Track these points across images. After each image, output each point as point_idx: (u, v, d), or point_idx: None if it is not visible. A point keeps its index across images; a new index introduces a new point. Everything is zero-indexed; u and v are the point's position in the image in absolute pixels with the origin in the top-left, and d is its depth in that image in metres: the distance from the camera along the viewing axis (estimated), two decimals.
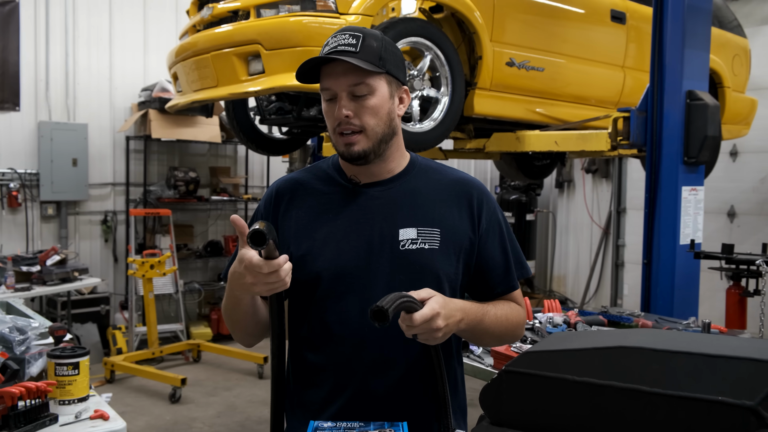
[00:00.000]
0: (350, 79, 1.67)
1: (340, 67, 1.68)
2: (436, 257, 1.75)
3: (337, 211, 1.78)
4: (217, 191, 8.01)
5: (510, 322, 1.83)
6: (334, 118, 1.70)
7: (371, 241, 1.74)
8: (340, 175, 1.82)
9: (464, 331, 1.71)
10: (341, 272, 1.73)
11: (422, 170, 1.85)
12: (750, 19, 7.36)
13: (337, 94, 1.69)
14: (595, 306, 8.85)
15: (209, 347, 6.98)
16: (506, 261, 1.86)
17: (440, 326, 1.55)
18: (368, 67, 1.66)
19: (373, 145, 1.72)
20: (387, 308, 1.43)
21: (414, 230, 1.74)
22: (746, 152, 7.61)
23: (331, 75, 1.69)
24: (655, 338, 1.34)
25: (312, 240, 1.76)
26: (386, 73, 1.71)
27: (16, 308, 3.47)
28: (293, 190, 1.84)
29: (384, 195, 1.78)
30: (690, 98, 4.27)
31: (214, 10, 4.22)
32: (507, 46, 4.59)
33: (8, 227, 6.74)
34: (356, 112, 1.69)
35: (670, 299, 4.20)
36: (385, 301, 1.45)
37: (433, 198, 1.80)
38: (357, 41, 1.67)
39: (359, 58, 1.65)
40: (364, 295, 1.71)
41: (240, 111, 5.24)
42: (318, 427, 1.57)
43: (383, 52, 1.70)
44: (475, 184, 1.87)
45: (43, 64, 6.91)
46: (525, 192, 9.21)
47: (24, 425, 2.12)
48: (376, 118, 1.71)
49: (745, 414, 1.12)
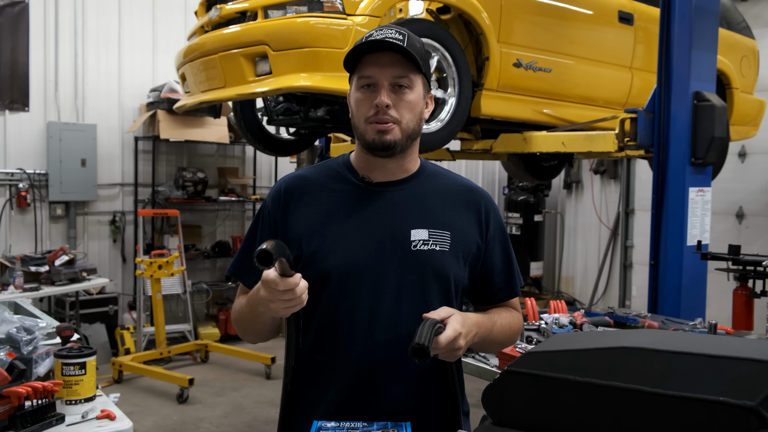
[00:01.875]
0: (396, 70, 1.69)
1: (387, 57, 1.69)
2: (446, 259, 1.75)
3: (349, 209, 1.78)
4: (225, 192, 8.03)
5: (512, 330, 1.89)
6: (371, 107, 1.70)
7: (382, 240, 1.74)
8: (352, 174, 1.82)
9: (475, 344, 1.74)
10: (351, 271, 1.73)
11: (432, 174, 1.86)
12: (759, 21, 7.34)
13: (377, 82, 1.70)
14: (603, 307, 8.82)
15: (217, 347, 6.99)
16: (509, 269, 1.90)
17: (461, 345, 1.59)
18: (418, 60, 1.68)
19: (403, 139, 1.73)
20: (427, 345, 1.46)
21: (425, 231, 1.75)
22: (755, 153, 7.58)
23: (376, 64, 1.70)
24: (656, 339, 1.34)
25: (323, 237, 1.76)
26: (424, 75, 1.74)
27: (23, 308, 3.48)
28: (302, 188, 1.83)
29: (396, 195, 1.79)
30: (697, 99, 4.26)
31: (222, 11, 4.24)
32: (514, 47, 4.59)
33: (17, 227, 6.78)
34: (395, 104, 1.70)
35: (677, 300, 4.18)
36: (421, 337, 1.47)
37: (443, 202, 1.81)
38: (403, 37, 1.69)
39: (409, 50, 1.67)
40: (374, 294, 1.72)
41: (248, 112, 5.26)
42: (321, 428, 1.57)
43: (424, 54, 1.73)
44: (483, 193, 1.90)
45: (53, 65, 6.95)
46: (533, 193, 9.19)
47: (31, 425, 2.13)
48: (412, 114, 1.73)
49: (746, 414, 1.11)
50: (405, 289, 1.72)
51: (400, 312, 1.71)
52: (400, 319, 1.70)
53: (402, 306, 1.72)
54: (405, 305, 1.72)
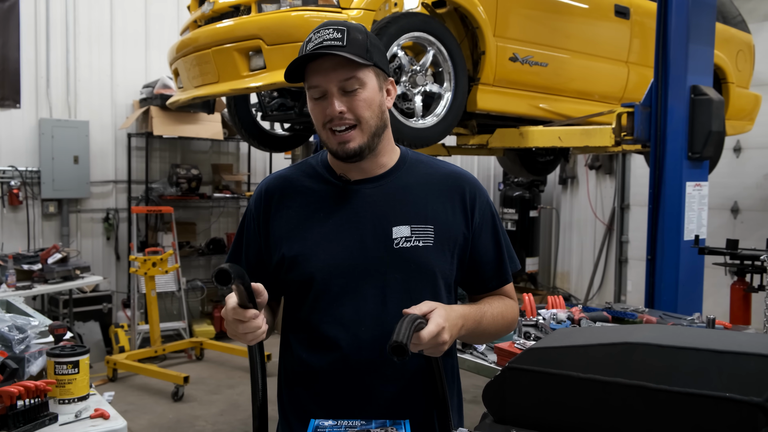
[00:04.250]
0: (340, 74, 1.63)
1: (329, 63, 1.63)
2: (430, 254, 1.72)
3: (329, 210, 1.75)
4: (220, 188, 8.00)
5: (505, 319, 1.83)
6: (326, 116, 1.66)
7: (364, 240, 1.71)
8: (330, 173, 1.79)
9: (463, 336, 1.71)
10: (335, 272, 1.71)
11: (413, 165, 1.81)
12: (754, 15, 7.33)
13: (327, 90, 1.65)
14: (598, 302, 8.81)
15: (212, 345, 6.97)
16: (499, 255, 1.84)
17: (446, 340, 1.54)
18: (358, 59, 1.61)
19: (367, 140, 1.68)
20: (405, 343, 1.40)
21: (407, 228, 1.71)
22: (750, 148, 7.58)
23: (318, 71, 1.65)
24: (660, 334, 1.32)
25: (304, 240, 1.73)
26: (374, 66, 1.67)
27: (15, 307, 3.45)
28: (282, 189, 1.81)
29: (375, 192, 1.75)
30: (694, 93, 4.25)
31: (215, 5, 4.21)
32: (510, 41, 4.57)
33: (9, 225, 6.74)
34: (349, 106, 1.65)
35: (675, 295, 4.18)
36: (399, 334, 1.42)
37: (425, 194, 1.76)
38: (342, 35, 1.62)
39: (348, 52, 1.61)
40: (358, 294, 1.70)
41: (242, 107, 5.23)
42: (319, 426, 1.55)
43: (369, 44, 1.66)
44: (468, 177, 1.84)
45: (44, 61, 6.90)
46: (528, 188, 9.18)
47: (23, 425, 2.10)
48: (370, 111, 1.67)
49: (753, 410, 1.10)
50: (390, 288, 1.70)
51: (386, 311, 1.69)
52: (386, 318, 1.67)
53: (387, 305, 1.69)
54: (390, 304, 1.69)
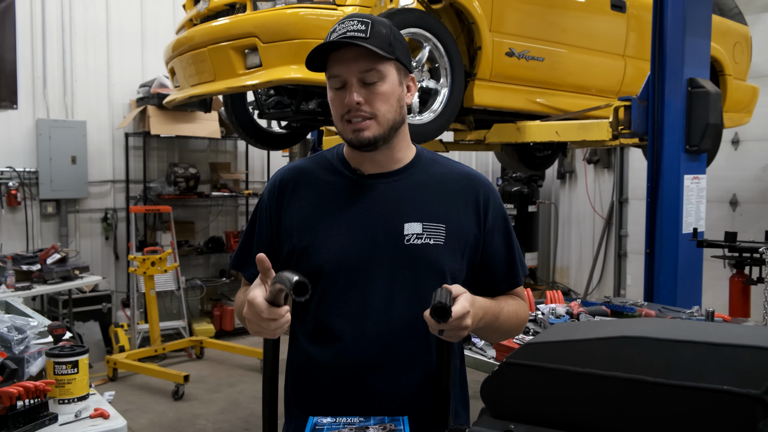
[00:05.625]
0: (361, 65, 1.64)
1: (351, 53, 1.64)
2: (440, 253, 1.71)
3: (341, 203, 1.75)
4: (218, 187, 7.99)
5: (518, 318, 1.82)
6: (344, 106, 1.67)
7: (375, 234, 1.71)
8: (345, 166, 1.79)
9: (480, 329, 1.70)
10: (344, 265, 1.70)
11: (428, 164, 1.81)
12: (750, 7, 7.32)
13: (347, 80, 1.65)
14: (598, 297, 8.80)
15: (212, 344, 6.97)
16: (511, 258, 1.83)
17: (468, 324, 1.52)
18: (380, 52, 1.62)
19: (383, 132, 1.68)
20: (449, 306, 1.41)
21: (419, 225, 1.71)
22: (748, 140, 7.58)
23: (341, 61, 1.66)
24: (658, 327, 1.32)
25: (315, 232, 1.73)
26: (396, 60, 1.68)
27: (15, 307, 3.45)
28: (297, 180, 1.81)
29: (389, 188, 1.75)
30: (691, 86, 4.23)
31: (211, 3, 4.20)
32: (506, 36, 4.56)
33: (8, 226, 6.73)
34: (367, 99, 1.65)
35: (674, 288, 4.17)
36: (443, 297, 1.42)
37: (439, 193, 1.76)
38: (366, 27, 1.63)
39: (370, 44, 1.62)
40: (366, 289, 1.69)
41: (239, 105, 5.21)
42: (317, 423, 1.54)
43: (392, 39, 1.67)
44: (482, 179, 1.84)
45: (40, 61, 6.89)
46: (527, 183, 9.19)
47: (23, 425, 2.10)
48: (387, 105, 1.68)
49: (751, 403, 1.10)
50: (398, 284, 1.69)
51: (393, 307, 1.68)
52: (392, 314, 1.68)
53: (395, 301, 1.69)
54: (398, 300, 1.69)
